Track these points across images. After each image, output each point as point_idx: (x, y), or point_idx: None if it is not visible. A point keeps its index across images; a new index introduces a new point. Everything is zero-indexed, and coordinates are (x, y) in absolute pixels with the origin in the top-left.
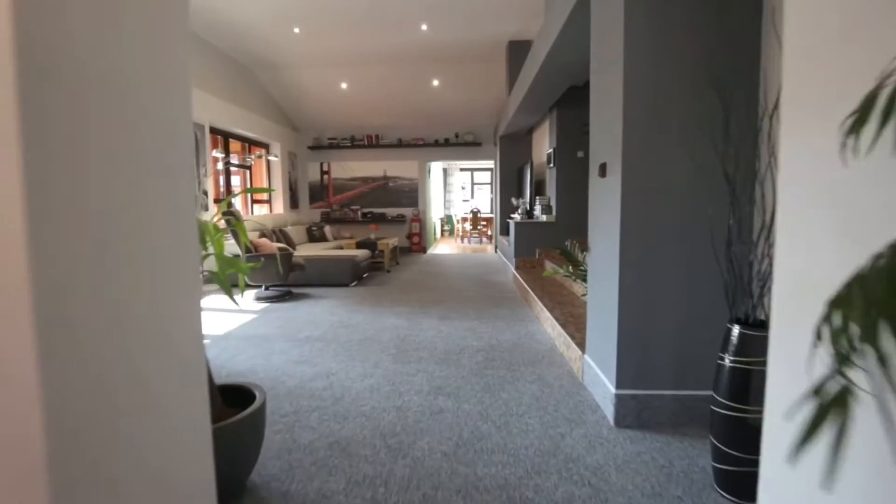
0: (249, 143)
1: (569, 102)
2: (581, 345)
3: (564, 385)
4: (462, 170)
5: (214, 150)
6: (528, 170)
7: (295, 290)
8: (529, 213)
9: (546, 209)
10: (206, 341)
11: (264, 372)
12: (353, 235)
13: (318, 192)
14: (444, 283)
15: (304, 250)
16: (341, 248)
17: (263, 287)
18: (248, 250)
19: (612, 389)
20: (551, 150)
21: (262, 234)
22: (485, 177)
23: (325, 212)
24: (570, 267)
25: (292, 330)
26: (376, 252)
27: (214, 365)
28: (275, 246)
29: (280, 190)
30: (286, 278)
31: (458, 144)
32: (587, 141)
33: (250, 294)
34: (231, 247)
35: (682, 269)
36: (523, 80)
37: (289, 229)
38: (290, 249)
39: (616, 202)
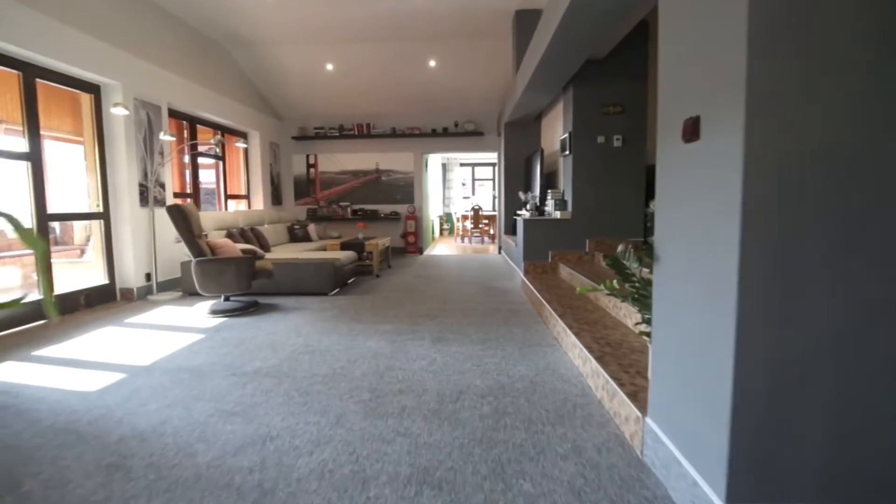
0: (223, 131)
1: (586, 79)
2: (636, 398)
3: (616, 464)
4: (462, 164)
5: (163, 134)
6: (538, 159)
7: (262, 301)
8: (540, 209)
9: (560, 204)
10: (119, 377)
11: (175, 432)
12: (341, 235)
13: (304, 188)
14: (440, 291)
15: (281, 252)
16: (325, 249)
17: (222, 298)
18: (200, 253)
19: None
20: (566, 135)
21: (229, 234)
22: (486, 172)
23: (311, 209)
24: (616, 281)
25: (240, 358)
26: (364, 254)
27: (111, 419)
28: (238, 248)
29: (260, 185)
30: (247, 287)
31: (457, 134)
32: (608, 123)
33: (205, 306)
34: (172, 244)
35: (860, 301)
36: (533, 52)
37: (265, 228)
38: (260, 252)
39: (731, 181)
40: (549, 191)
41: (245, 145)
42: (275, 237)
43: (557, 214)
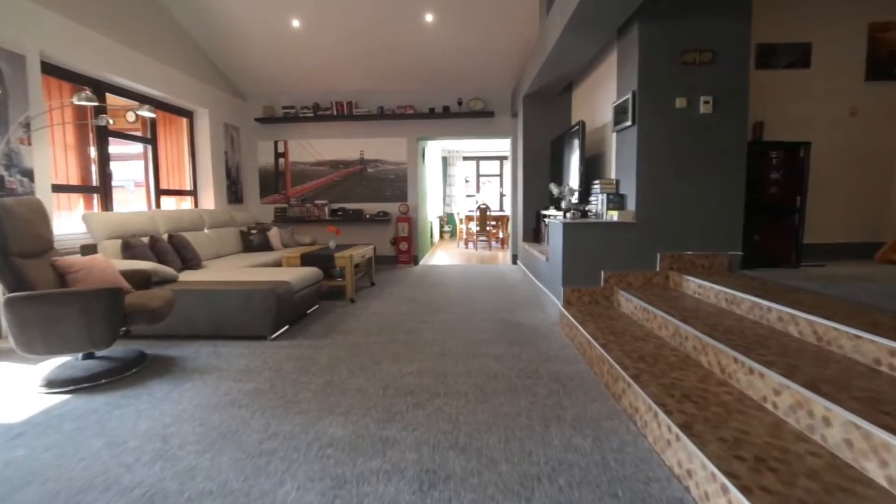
0: (155, 107)
1: (658, 11)
2: None
3: None
4: (466, 158)
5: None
6: (577, 138)
7: (160, 352)
8: (581, 209)
9: (615, 201)
10: None
11: None
12: (315, 241)
13: (272, 182)
14: (438, 333)
15: (214, 269)
16: (279, 264)
17: (79, 355)
18: (19, 283)
19: None
20: (625, 98)
21: (126, 245)
22: (493, 167)
23: (280, 208)
24: None
25: None
26: (336, 270)
27: None
28: (116, 270)
29: (210, 178)
30: (106, 342)
31: (462, 115)
32: (690, 78)
33: (49, 367)
34: None
35: None
36: None
37: (203, 234)
38: (166, 272)
39: None
40: (597, 182)
41: (151, 115)
42: (219, 246)
43: (614, 216)
